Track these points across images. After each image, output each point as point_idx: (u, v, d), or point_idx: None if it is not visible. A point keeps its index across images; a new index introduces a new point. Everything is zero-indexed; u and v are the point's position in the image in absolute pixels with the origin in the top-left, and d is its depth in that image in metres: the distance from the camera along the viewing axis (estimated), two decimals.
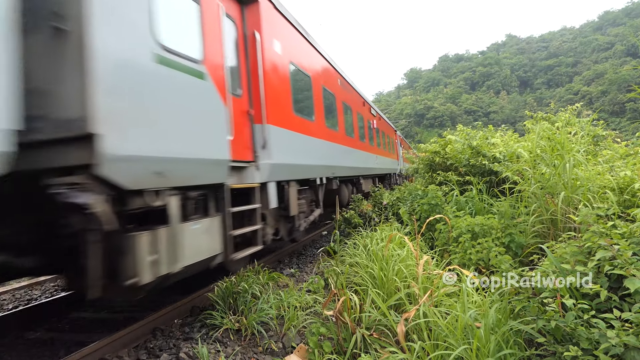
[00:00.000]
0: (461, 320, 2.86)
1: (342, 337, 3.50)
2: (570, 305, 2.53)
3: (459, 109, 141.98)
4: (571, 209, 4.64)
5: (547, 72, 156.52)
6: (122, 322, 4.67)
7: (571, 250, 3.19)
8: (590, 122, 8.18)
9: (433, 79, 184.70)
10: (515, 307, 3.02)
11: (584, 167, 5.24)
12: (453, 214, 6.06)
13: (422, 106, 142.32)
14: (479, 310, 3.06)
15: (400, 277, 4.18)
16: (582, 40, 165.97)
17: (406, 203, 7.77)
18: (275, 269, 6.25)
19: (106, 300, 5.52)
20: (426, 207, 6.79)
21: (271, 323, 4.14)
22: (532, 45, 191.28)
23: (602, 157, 6.75)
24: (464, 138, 9.66)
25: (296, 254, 8.10)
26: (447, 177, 8.36)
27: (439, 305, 3.44)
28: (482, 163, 8.05)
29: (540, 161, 5.60)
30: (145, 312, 4.95)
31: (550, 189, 5.05)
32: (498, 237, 4.83)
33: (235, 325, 4.03)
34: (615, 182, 4.96)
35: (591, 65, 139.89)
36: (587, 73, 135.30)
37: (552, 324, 2.50)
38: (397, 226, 6.59)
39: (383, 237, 5.45)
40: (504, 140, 9.73)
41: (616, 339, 2.22)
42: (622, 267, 2.66)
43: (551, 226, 4.80)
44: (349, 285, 4.60)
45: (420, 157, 11.00)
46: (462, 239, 4.89)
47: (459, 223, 5.29)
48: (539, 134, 5.90)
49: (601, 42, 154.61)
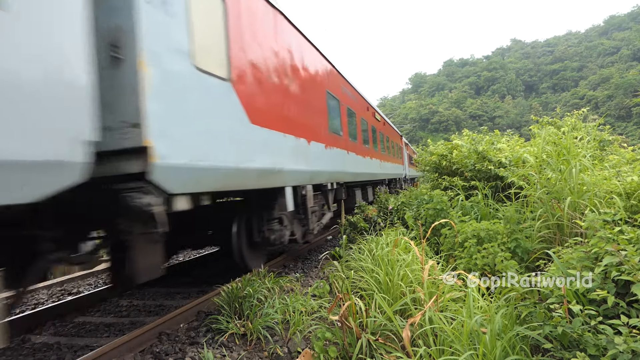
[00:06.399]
0: (467, 326, 2.85)
1: (348, 342, 3.49)
2: (577, 311, 2.52)
3: (464, 113, 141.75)
4: (577, 214, 4.61)
5: (552, 76, 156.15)
6: (128, 327, 4.70)
7: (578, 256, 3.18)
8: (596, 126, 8.15)
9: (438, 84, 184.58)
10: (521, 312, 3.02)
11: (590, 172, 5.21)
12: (458, 218, 6.04)
13: (426, 111, 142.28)
14: (485, 316, 3.05)
15: (405, 282, 4.18)
16: (587, 44, 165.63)
17: (412, 208, 7.76)
18: (280, 273, 6.25)
19: (112, 305, 5.56)
20: (432, 211, 6.78)
21: (276, 328, 4.14)
22: (537, 49, 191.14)
23: (609, 162, 6.72)
24: (470, 143, 9.65)
25: (301, 259, 8.10)
26: (453, 182, 8.35)
27: (445, 310, 3.44)
28: (487, 168, 8.04)
29: (546, 166, 5.58)
30: (151, 316, 4.98)
31: (556, 194, 5.03)
32: (504, 242, 4.81)
33: (240, 329, 4.04)
34: (622, 187, 4.93)
35: (597, 70, 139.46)
36: (592, 77, 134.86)
37: (559, 330, 2.49)
38: (403, 231, 6.59)
39: (388, 241, 5.45)
40: (510, 145, 9.70)
41: (624, 345, 2.21)
42: (629, 272, 2.65)
43: (557, 231, 4.77)
44: (354, 290, 4.60)
45: (428, 159, 10.99)
46: (468, 244, 4.88)
47: (465, 228, 5.27)
48: (544, 139, 5.89)
49: (607, 46, 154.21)
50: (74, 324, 4.98)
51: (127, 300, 5.80)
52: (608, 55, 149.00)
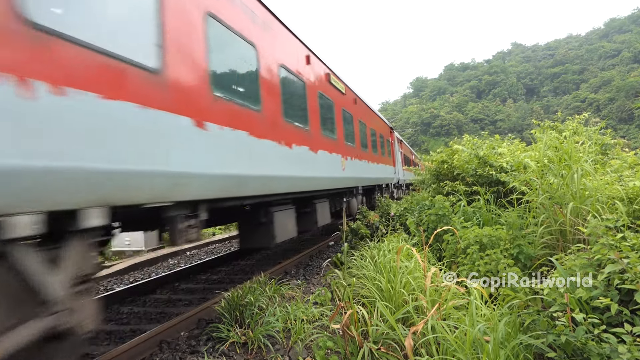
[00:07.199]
0: (470, 335, 2.82)
1: (350, 350, 3.47)
2: (581, 319, 2.50)
3: (465, 117, 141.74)
4: (580, 220, 4.59)
5: (553, 79, 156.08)
6: (129, 334, 4.68)
7: (580, 263, 3.16)
8: (597, 130, 8.12)
9: (439, 88, 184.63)
10: (524, 320, 2.99)
11: (592, 177, 5.19)
12: (461, 224, 6.02)
13: (428, 115, 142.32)
14: (488, 324, 3.03)
15: (408, 290, 4.15)
16: (588, 47, 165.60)
17: (413, 213, 7.73)
18: (282, 279, 6.23)
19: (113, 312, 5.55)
20: (433, 217, 6.76)
21: (277, 336, 4.12)
22: (537, 53, 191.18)
23: (611, 166, 6.69)
24: (471, 148, 9.63)
25: (303, 265, 8.07)
26: (455, 187, 8.32)
27: (448, 319, 3.41)
28: (489, 173, 8.01)
29: (548, 171, 5.56)
30: (152, 324, 4.96)
31: (558, 200, 5.00)
32: (506, 249, 4.78)
33: (241, 338, 4.02)
34: (624, 192, 4.91)
35: (598, 73, 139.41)
36: (594, 80, 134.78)
37: (563, 338, 2.47)
38: (405, 237, 6.56)
39: (390, 248, 5.42)
40: (511, 150, 9.68)
41: (628, 354, 2.19)
42: (632, 280, 2.63)
43: (560, 237, 4.74)
44: (356, 298, 4.57)
45: (427, 166, 10.94)
46: (470, 250, 4.85)
47: (467, 234, 5.25)
48: (546, 144, 5.87)
49: (607, 49, 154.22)
50: None
51: (128, 307, 5.79)
52: (609, 58, 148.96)
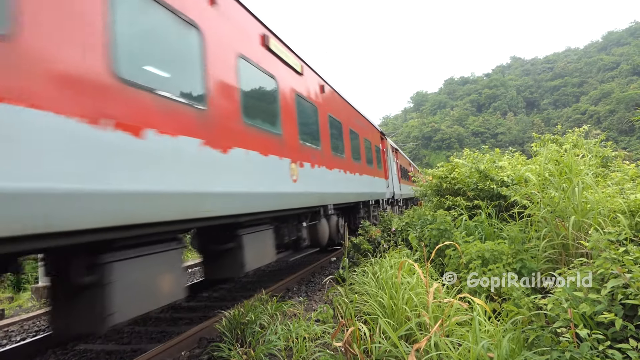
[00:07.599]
0: (473, 352, 2.79)
1: None
2: (585, 335, 2.47)
3: (466, 130, 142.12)
4: (582, 233, 4.56)
5: (553, 92, 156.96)
6: (130, 354, 4.63)
7: (583, 278, 3.13)
8: (598, 143, 8.14)
9: (439, 102, 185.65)
10: (528, 336, 2.95)
11: (594, 190, 5.18)
12: (462, 239, 5.98)
13: (429, 129, 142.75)
14: (492, 341, 2.99)
15: (410, 306, 4.11)
16: (587, 60, 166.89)
17: (415, 228, 7.70)
18: (283, 297, 6.18)
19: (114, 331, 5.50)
20: (435, 232, 6.72)
21: (279, 355, 4.07)
22: (537, 66, 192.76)
23: (612, 179, 6.68)
24: (471, 162, 9.63)
25: (305, 282, 8.02)
26: (456, 202, 8.31)
27: (451, 335, 3.37)
28: (490, 187, 8.00)
29: (549, 185, 5.55)
30: (153, 343, 4.91)
31: (560, 213, 4.98)
32: (509, 263, 4.74)
33: (242, 357, 3.97)
34: (626, 205, 4.89)
35: (597, 85, 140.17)
36: (593, 93, 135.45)
37: (567, 355, 2.44)
38: (407, 252, 6.52)
39: (392, 264, 5.39)
40: (512, 163, 9.67)
41: None
42: (636, 295, 2.60)
43: (563, 251, 4.71)
44: (358, 315, 4.53)
45: (427, 182, 10.88)
46: (473, 265, 4.81)
47: (469, 249, 5.21)
48: (546, 157, 5.87)
49: (606, 61, 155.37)
50: (74, 351, 4.93)
51: (129, 326, 5.75)
52: (608, 71, 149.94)
